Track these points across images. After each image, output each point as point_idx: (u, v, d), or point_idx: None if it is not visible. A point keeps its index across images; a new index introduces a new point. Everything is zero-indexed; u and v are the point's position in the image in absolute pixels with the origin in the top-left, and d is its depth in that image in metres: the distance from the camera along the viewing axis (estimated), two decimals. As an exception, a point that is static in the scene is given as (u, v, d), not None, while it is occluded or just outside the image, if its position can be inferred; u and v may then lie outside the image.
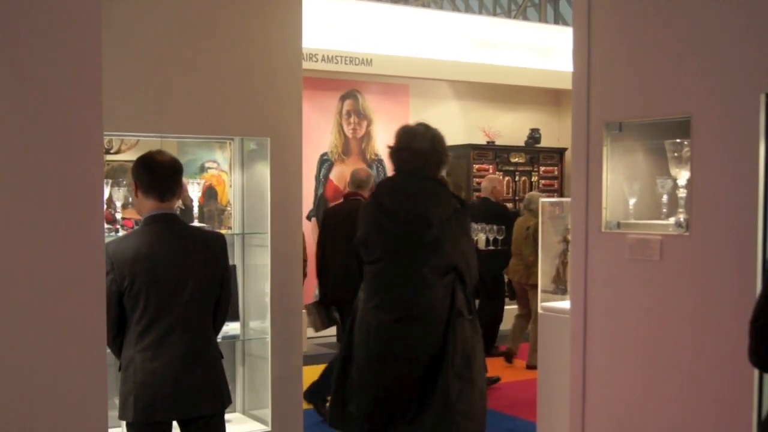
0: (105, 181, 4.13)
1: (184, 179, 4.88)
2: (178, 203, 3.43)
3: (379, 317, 3.68)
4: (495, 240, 7.59)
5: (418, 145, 3.78)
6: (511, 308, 8.61)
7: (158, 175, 3.31)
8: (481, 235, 7.53)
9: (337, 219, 6.05)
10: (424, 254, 3.65)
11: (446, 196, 3.76)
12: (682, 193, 3.22)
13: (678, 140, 3.20)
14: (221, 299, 3.44)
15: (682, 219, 3.16)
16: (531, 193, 8.66)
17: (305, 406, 4.99)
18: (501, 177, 10.00)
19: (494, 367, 7.83)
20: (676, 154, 3.23)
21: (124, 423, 3.39)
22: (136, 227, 4.08)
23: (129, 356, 3.30)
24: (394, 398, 3.66)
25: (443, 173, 3.93)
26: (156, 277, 3.26)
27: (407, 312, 3.65)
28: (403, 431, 3.66)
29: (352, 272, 4.00)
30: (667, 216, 3.31)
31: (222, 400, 3.39)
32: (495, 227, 7.56)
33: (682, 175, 3.22)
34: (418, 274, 3.64)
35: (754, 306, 2.05)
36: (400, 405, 3.66)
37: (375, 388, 3.69)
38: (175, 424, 3.43)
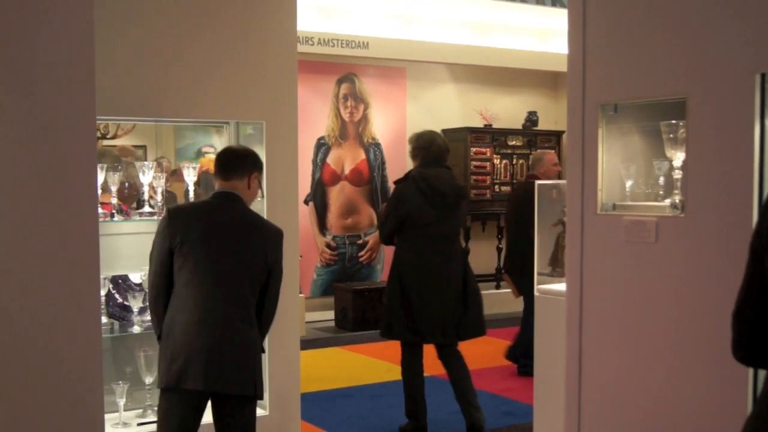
0: (100, 165, 4.12)
1: (180, 163, 4.89)
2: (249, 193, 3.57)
3: (435, 261, 5.20)
4: None
5: (438, 144, 5.30)
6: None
7: (225, 157, 3.53)
8: None
9: (522, 198, 6.71)
10: (456, 218, 5.32)
11: (457, 178, 5.52)
12: (677, 174, 3.22)
13: (673, 121, 3.19)
14: (268, 292, 3.48)
15: (677, 200, 3.16)
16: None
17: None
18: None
19: (486, 354, 7.87)
20: (671, 136, 3.22)
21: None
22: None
23: (170, 319, 3.33)
24: (447, 314, 5.22)
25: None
26: (207, 241, 3.34)
27: (450, 256, 5.25)
28: (452, 335, 5.28)
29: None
30: (664, 198, 3.31)
31: (254, 387, 3.38)
32: None
33: (678, 157, 3.21)
34: (455, 231, 5.35)
35: (737, 297, 1.98)
36: (449, 319, 5.22)
37: (436, 308, 5.19)
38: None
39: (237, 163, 3.50)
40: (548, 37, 10.14)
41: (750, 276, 1.94)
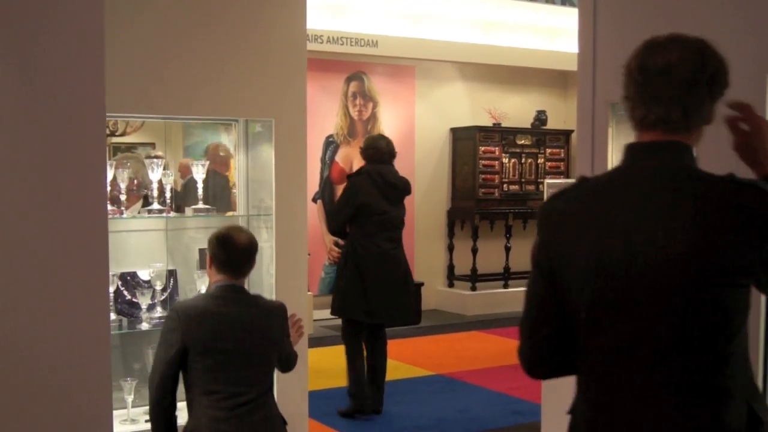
0: (109, 162, 4.13)
1: (188, 160, 4.89)
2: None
3: (386, 246, 5.89)
4: None
5: (377, 146, 6.00)
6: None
7: (235, 256, 3.31)
8: None
9: None
10: (403, 208, 6.07)
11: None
12: (687, 174, 3.20)
13: (683, 121, 3.18)
14: (281, 358, 3.44)
15: (687, 200, 3.14)
16: None
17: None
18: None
19: (494, 353, 7.85)
20: (681, 135, 3.20)
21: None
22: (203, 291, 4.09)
23: (195, 422, 3.23)
24: (395, 296, 5.89)
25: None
26: (222, 337, 3.22)
27: (398, 242, 6.00)
28: (397, 318, 6.07)
29: None
30: (673, 197, 3.29)
31: None
32: None
33: (688, 156, 3.19)
34: (402, 220, 6.06)
35: (527, 316, 1.90)
36: (394, 301, 5.89)
37: (388, 291, 5.84)
38: None
39: (247, 263, 3.35)
40: (558, 35, 10.12)
41: (540, 292, 1.88)
